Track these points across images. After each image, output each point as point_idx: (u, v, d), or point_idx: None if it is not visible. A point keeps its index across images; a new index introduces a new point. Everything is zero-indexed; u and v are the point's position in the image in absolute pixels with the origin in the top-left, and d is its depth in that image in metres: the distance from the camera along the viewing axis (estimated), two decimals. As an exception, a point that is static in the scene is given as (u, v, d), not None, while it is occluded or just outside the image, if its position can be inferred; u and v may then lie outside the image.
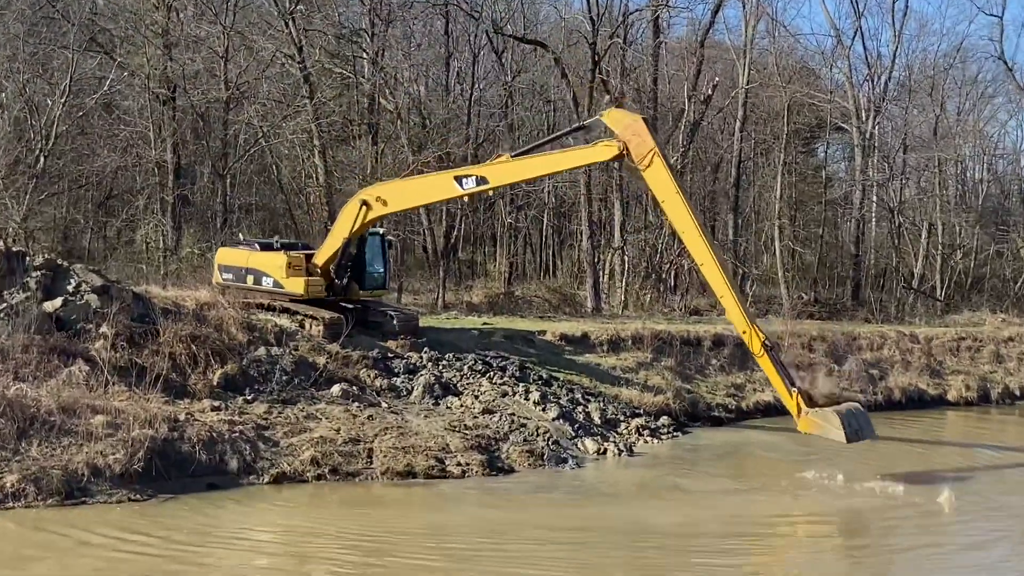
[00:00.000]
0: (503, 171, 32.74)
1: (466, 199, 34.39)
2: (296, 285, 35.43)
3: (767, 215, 65.75)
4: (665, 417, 35.96)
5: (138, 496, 24.46)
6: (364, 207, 34.57)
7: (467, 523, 24.42)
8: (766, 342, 29.90)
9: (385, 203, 34.46)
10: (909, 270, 67.21)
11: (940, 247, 66.83)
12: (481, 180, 32.62)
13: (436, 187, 34.39)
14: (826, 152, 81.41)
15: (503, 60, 63.76)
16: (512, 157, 32.84)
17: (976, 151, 77.59)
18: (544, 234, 71.09)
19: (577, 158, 33.91)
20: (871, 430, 30.07)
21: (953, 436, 39.59)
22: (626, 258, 55.88)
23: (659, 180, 30.17)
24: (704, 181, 68.25)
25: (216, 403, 28.83)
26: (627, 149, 30.14)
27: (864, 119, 65.69)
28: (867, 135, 65.71)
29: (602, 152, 31.34)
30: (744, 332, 29.98)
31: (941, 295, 65.42)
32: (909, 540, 24.72)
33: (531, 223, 68.67)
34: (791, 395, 29.59)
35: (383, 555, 21.60)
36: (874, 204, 68.63)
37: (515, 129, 63.63)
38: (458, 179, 33.03)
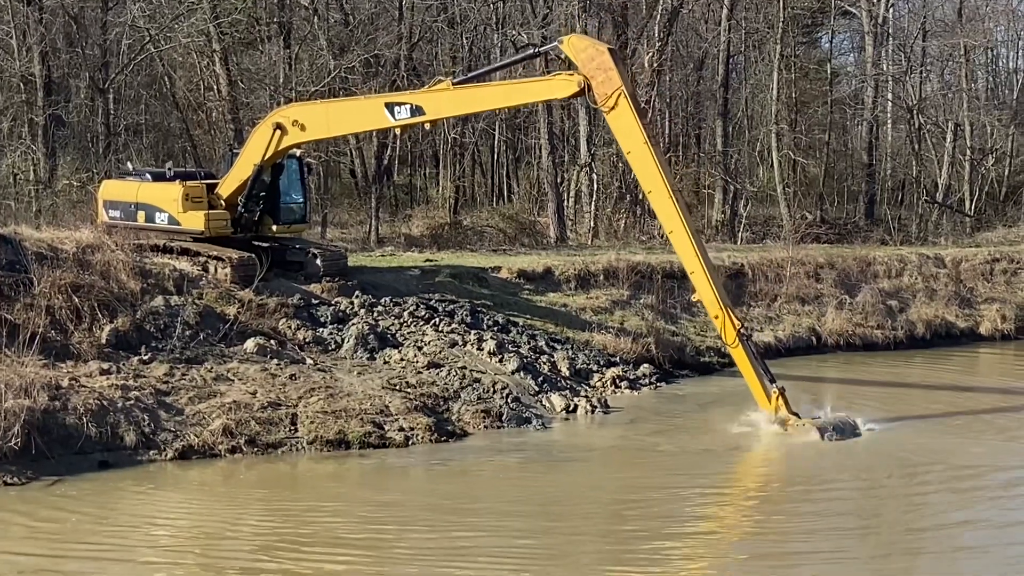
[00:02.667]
0: (443, 101, 32.78)
1: (398, 131, 34.47)
2: (194, 221, 35.31)
3: (762, 120, 65.86)
4: (646, 365, 36.23)
5: (15, 479, 24.39)
6: (278, 131, 34.45)
7: (411, 504, 24.33)
8: (742, 330, 30.19)
9: (303, 128, 34.41)
10: (932, 181, 67.67)
11: (968, 152, 67.26)
12: (416, 110, 32.70)
13: (363, 114, 34.59)
14: (831, 42, 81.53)
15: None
16: (454, 85, 32.82)
17: (1009, 36, 78.00)
18: (496, 151, 70.91)
19: (530, 92, 34.40)
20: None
21: (987, 376, 40.13)
22: (595, 177, 55.90)
23: (625, 126, 30.20)
24: (686, 81, 68.24)
25: (106, 365, 28.72)
26: (589, 85, 30.20)
27: (875, 0, 65.74)
28: (879, 20, 65.85)
29: (559, 87, 31.40)
30: (716, 317, 30.25)
31: (970, 209, 65.97)
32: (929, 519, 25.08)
33: (480, 138, 68.46)
34: (770, 397, 29.87)
35: (305, 549, 21.45)
36: (889, 103, 68.92)
37: (456, 24, 63.24)
38: (389, 107, 33.11)
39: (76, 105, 54.75)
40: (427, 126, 34.50)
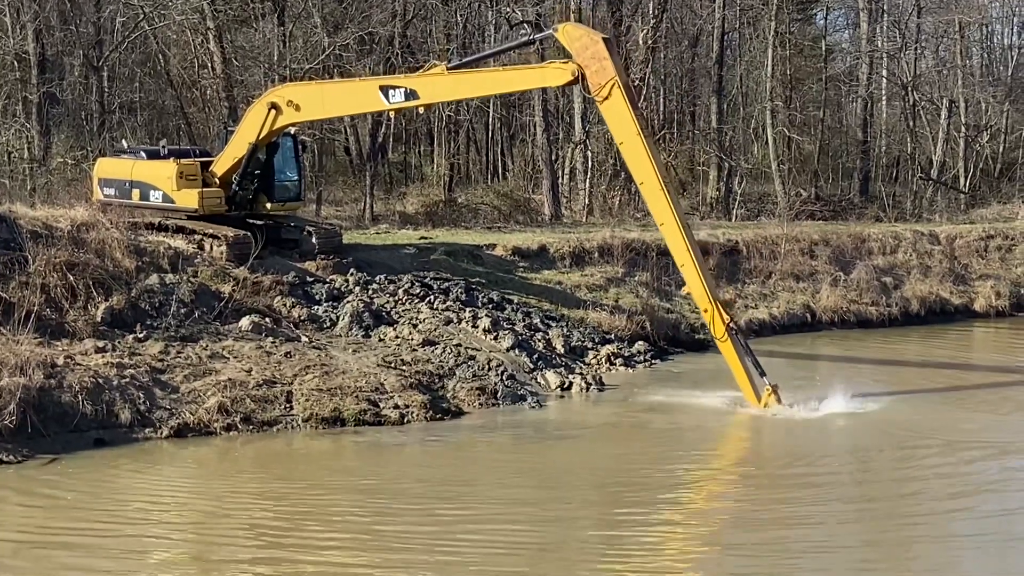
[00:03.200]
0: (437, 85, 32.99)
1: (391, 114, 34.64)
2: (188, 199, 35.35)
3: (757, 97, 65.85)
4: (641, 342, 36.29)
5: (11, 458, 24.40)
6: (273, 111, 34.53)
7: (407, 481, 24.37)
8: (731, 325, 30.24)
9: (298, 108, 34.52)
10: (927, 157, 67.69)
11: (963, 129, 67.29)
12: (411, 94, 32.87)
13: (357, 96, 34.90)
14: (826, 19, 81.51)
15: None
16: (448, 70, 32.87)
17: (1004, 12, 77.93)
18: (491, 129, 70.83)
19: (524, 80, 34.95)
20: None
21: (982, 353, 40.25)
22: (589, 154, 55.91)
23: (617, 115, 30.22)
24: (681, 58, 68.21)
25: (101, 343, 28.72)
26: (582, 74, 30.24)
27: (870, -23, 65.65)
28: (874, -4, 65.67)
29: (553, 75, 31.65)
30: (705, 311, 30.39)
31: (965, 186, 66.04)
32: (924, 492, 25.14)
33: (474, 116, 68.40)
34: (759, 394, 29.88)
35: (300, 532, 21.42)
36: (884, 80, 68.91)
37: (451, 2, 63.11)
38: (384, 90, 33.24)
39: (70, 83, 54.64)
40: (420, 109, 34.57)
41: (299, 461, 25.85)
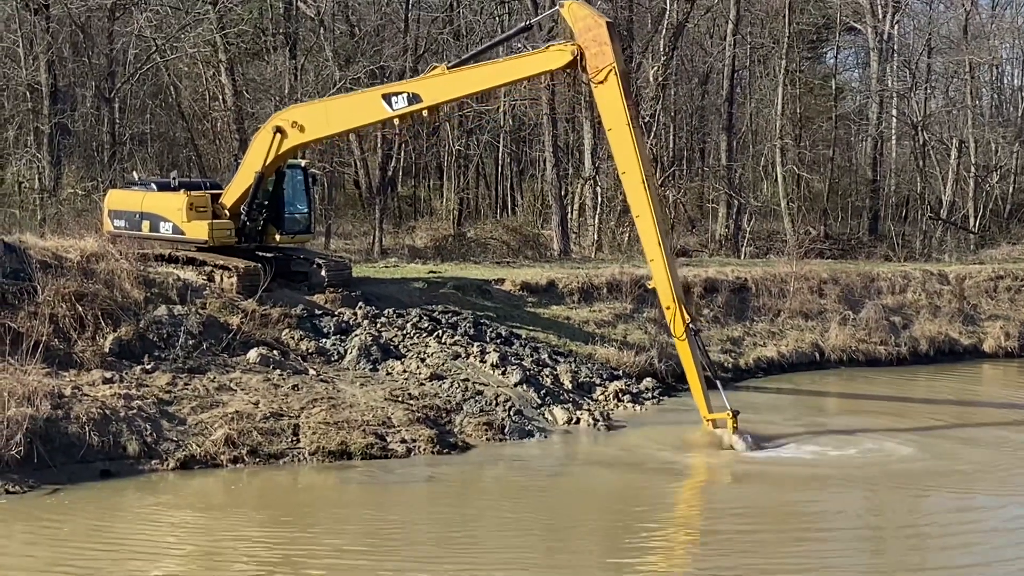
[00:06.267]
0: (438, 85, 32.72)
1: (397, 121, 34.33)
2: (198, 230, 35.35)
3: (767, 135, 65.96)
4: (649, 379, 36.16)
5: (17, 488, 24.36)
6: (278, 134, 34.49)
7: (412, 518, 24.27)
8: (691, 325, 30.35)
9: (303, 129, 34.43)
10: (936, 197, 67.68)
11: (973, 169, 67.29)
12: (414, 98, 32.62)
13: (361, 108, 34.44)
14: (836, 58, 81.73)
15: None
16: (449, 69, 32.82)
17: (1014, 53, 78.05)
18: (500, 163, 70.97)
19: (525, 66, 33.60)
20: None
21: (991, 393, 40.05)
22: (599, 190, 55.96)
23: (610, 102, 30.27)
24: (691, 95, 68.33)
25: (109, 374, 28.70)
26: (582, 55, 30.21)
27: (881, 17, 65.84)
28: (884, 36, 65.87)
29: (554, 58, 31.42)
30: (668, 308, 30.53)
31: (974, 226, 65.98)
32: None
33: (484, 150, 68.55)
34: (709, 403, 30.16)
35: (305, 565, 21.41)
36: (894, 119, 68.93)
37: (462, 37, 63.37)
38: (386, 98, 33.07)
39: (82, 114, 54.85)
40: (425, 113, 34.16)
41: (304, 497, 25.73)
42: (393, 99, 32.85)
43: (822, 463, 28.67)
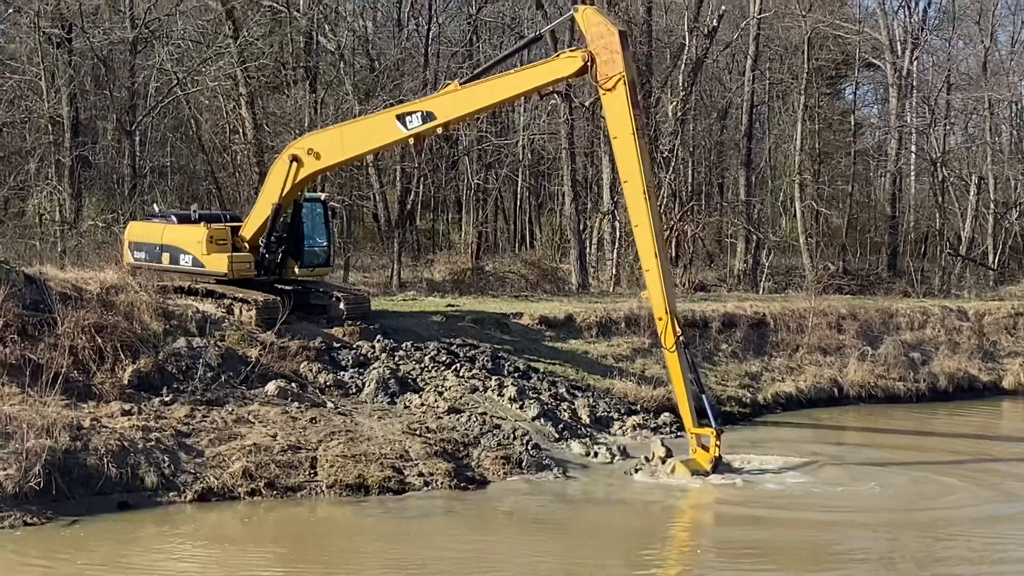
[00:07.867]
0: (452, 102, 32.72)
1: (411, 141, 34.28)
2: (218, 263, 35.41)
3: (785, 170, 66.02)
4: (667, 414, 36.01)
5: (35, 519, 24.30)
6: (294, 163, 34.58)
7: (430, 552, 24.09)
8: (682, 338, 30.25)
9: (319, 156, 34.51)
10: (955, 233, 67.61)
11: (992, 205, 67.21)
12: (427, 116, 32.61)
13: (375, 130, 34.43)
14: (855, 94, 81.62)
15: (466, -13, 63.78)
16: (461, 85, 32.90)
17: (1034, 90, 77.87)
18: (519, 197, 71.14)
19: (537, 75, 33.10)
20: None
21: (1011, 429, 39.90)
22: (617, 224, 55.93)
23: (617, 110, 30.20)
24: (710, 130, 68.37)
25: (127, 406, 28.72)
26: (592, 61, 30.22)
27: (900, 53, 65.91)
28: (903, 72, 65.93)
29: (564, 65, 31.19)
30: (660, 319, 30.32)
31: (994, 263, 65.84)
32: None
33: (503, 184, 68.70)
34: (694, 419, 30.06)
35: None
36: (913, 155, 68.95)
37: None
38: (400, 118, 33.07)
39: (103, 146, 55.10)
40: (440, 131, 34.14)
41: (322, 530, 25.67)
42: (407, 119, 32.87)
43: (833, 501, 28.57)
